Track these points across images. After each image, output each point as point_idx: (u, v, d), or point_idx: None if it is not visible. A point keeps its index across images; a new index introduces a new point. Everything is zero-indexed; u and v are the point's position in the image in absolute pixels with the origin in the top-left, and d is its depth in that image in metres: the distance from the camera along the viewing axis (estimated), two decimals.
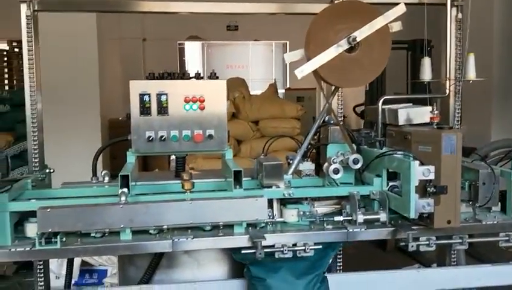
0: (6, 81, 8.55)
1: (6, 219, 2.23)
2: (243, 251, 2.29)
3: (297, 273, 2.48)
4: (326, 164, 2.60)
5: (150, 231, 2.36)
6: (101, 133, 6.64)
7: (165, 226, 2.31)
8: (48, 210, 2.18)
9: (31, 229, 2.32)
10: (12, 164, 2.88)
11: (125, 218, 2.23)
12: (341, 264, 3.17)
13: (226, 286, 2.62)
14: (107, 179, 2.71)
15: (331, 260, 2.63)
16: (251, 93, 6.43)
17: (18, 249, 2.21)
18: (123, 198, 2.23)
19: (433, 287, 2.76)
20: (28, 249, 2.21)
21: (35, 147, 2.85)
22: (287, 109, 6.09)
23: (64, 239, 2.25)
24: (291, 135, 5.35)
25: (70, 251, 2.25)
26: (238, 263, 2.56)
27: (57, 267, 4.47)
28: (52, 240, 2.22)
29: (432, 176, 2.24)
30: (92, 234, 2.31)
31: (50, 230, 2.19)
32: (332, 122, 2.84)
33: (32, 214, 2.31)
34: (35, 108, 2.84)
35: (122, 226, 2.24)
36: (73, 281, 4.99)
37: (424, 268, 3.08)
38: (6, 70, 8.56)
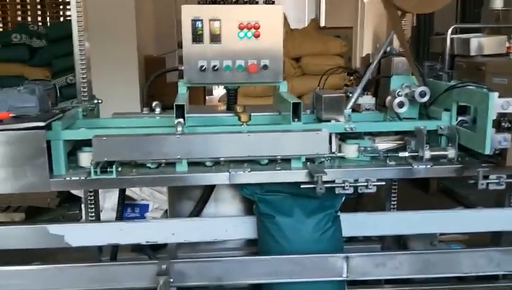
0: (39, 18, 8.48)
1: (60, 148, 2.18)
2: (302, 186, 2.20)
3: (307, 212, 2.37)
4: (389, 98, 2.45)
5: (206, 163, 2.28)
6: (138, 70, 6.55)
7: (222, 159, 2.22)
8: (104, 139, 2.10)
9: (85, 158, 2.27)
10: None
11: (181, 149, 2.14)
12: (395, 202, 3.06)
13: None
14: (158, 110, 2.62)
15: (343, 199, 2.49)
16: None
17: (73, 178, 2.17)
18: (179, 128, 2.14)
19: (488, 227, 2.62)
20: (83, 178, 2.17)
21: (83, 76, 2.75)
22: (331, 45, 5.85)
23: (119, 169, 2.19)
24: (335, 72, 5.15)
25: (126, 181, 2.20)
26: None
27: (104, 199, 4.50)
28: (108, 169, 2.16)
29: (511, 109, 2.07)
30: (148, 165, 2.25)
31: (105, 159, 2.13)
32: (395, 52, 2.65)
33: (86, 143, 2.26)
34: (83, 44, 2.75)
35: (178, 157, 2.16)
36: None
37: (480, 209, 2.94)
38: (39, 6, 8.47)
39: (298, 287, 2.35)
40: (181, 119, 2.17)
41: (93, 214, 2.88)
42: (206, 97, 8.45)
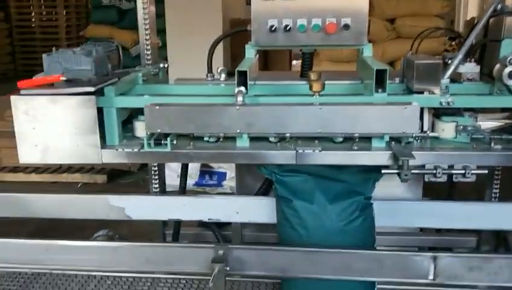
0: None
1: (113, 116, 1.99)
2: (383, 171, 1.84)
3: (331, 197, 2.04)
4: (498, 66, 1.98)
5: (270, 139, 1.99)
6: (222, 33, 6.33)
7: (288, 134, 1.92)
8: (157, 108, 1.88)
9: (141, 128, 2.07)
10: (135, 63, 2.64)
11: (242, 122, 1.87)
12: (497, 192, 2.60)
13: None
14: (223, 76, 2.35)
15: (376, 185, 2.11)
16: None
17: (126, 150, 1.98)
18: (240, 98, 1.86)
19: None
20: (135, 150, 1.97)
21: (147, 38, 2.55)
22: (430, 5, 5.21)
23: (175, 142, 1.97)
24: (433, 35, 4.57)
25: (182, 155, 1.97)
26: None
27: (178, 165, 4.40)
28: (162, 142, 1.95)
29: None
30: (206, 138, 2.01)
31: (159, 131, 1.92)
32: (508, 11, 2.15)
33: (142, 111, 2.05)
34: (146, 3, 2.54)
35: (238, 131, 1.89)
36: (193, 181, 4.99)
37: None
38: None
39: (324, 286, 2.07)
40: (242, 88, 1.88)
41: (157, 186, 2.72)
42: (293, 62, 8.06)
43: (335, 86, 2.13)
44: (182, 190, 2.64)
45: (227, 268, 1.93)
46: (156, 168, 2.69)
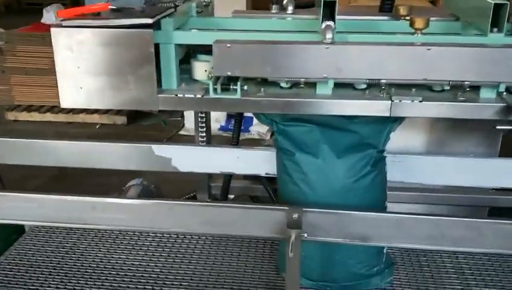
0: None
1: (172, 54, 1.67)
2: (498, 127, 1.55)
3: (339, 150, 1.79)
4: None
5: (356, 86, 1.69)
6: None
7: (383, 80, 1.61)
8: (228, 46, 1.56)
9: (201, 69, 1.75)
10: None
11: (330, 64, 1.55)
12: None
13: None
14: (290, 9, 2.01)
15: (390, 137, 1.86)
16: None
17: (187, 96, 1.68)
18: (329, 35, 1.54)
19: None
20: (199, 96, 1.67)
21: None
22: None
23: (245, 87, 1.66)
24: None
25: (252, 103, 1.67)
26: None
27: None
28: (231, 87, 1.64)
29: None
30: (281, 84, 1.70)
31: (228, 74, 1.60)
32: None
33: (202, 49, 1.74)
34: None
35: (325, 76, 1.58)
36: (219, 126, 4.71)
37: None
38: None
39: None
40: (331, 23, 1.55)
41: (204, 134, 2.43)
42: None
43: (432, 24, 1.79)
44: (236, 141, 2.36)
45: (305, 235, 1.68)
46: (204, 116, 2.39)
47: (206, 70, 1.74)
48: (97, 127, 4.81)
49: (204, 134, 2.43)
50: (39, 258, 2.20)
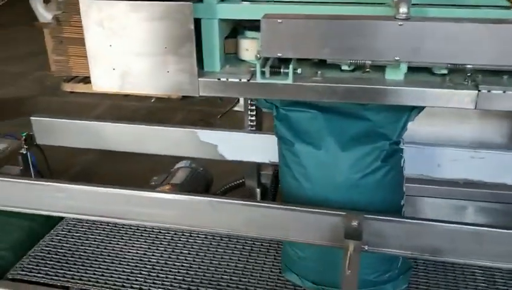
0: None
1: (215, 31, 1.44)
2: None
3: (344, 141, 1.54)
4: None
5: (434, 71, 1.40)
6: None
7: (469, 66, 1.31)
8: (280, 21, 1.31)
9: (249, 48, 1.52)
10: None
11: (404, 45, 1.27)
12: None
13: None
14: None
15: (406, 129, 1.58)
16: None
17: (231, 80, 1.45)
18: (403, 9, 1.25)
19: None
20: (244, 80, 1.44)
21: None
22: None
23: (298, 70, 1.41)
24: None
25: (307, 90, 1.41)
26: None
27: None
28: (282, 70, 1.39)
29: None
30: (342, 67, 1.44)
31: (279, 55, 1.35)
32: None
33: (249, 25, 1.50)
34: None
35: (397, 58, 1.29)
36: None
37: None
38: None
39: None
40: None
41: (254, 120, 2.21)
42: None
43: None
44: None
45: (365, 247, 1.43)
46: (254, 101, 2.17)
47: (256, 50, 1.50)
48: (152, 100, 4.70)
49: (254, 117, 2.20)
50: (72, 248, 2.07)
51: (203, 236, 2.03)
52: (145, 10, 1.38)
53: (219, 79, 1.45)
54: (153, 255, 1.97)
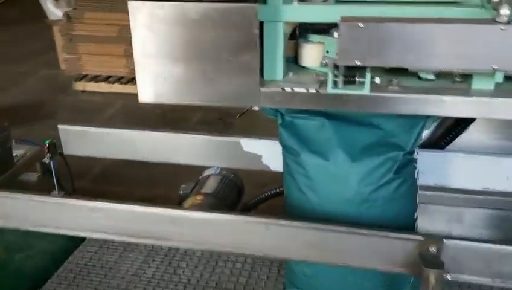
0: None
1: (279, 35, 1.28)
2: None
3: (354, 151, 1.42)
4: None
5: None
6: None
7: None
8: (361, 25, 1.15)
9: (313, 54, 1.36)
10: None
11: (504, 52, 1.11)
12: None
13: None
14: None
15: (421, 138, 1.47)
16: None
17: (297, 91, 1.29)
18: (505, 11, 1.09)
19: None
20: (312, 91, 1.28)
21: None
22: None
23: (376, 79, 1.25)
24: None
25: (385, 101, 1.26)
26: None
27: None
28: (357, 79, 1.24)
29: None
30: (423, 75, 1.28)
31: (358, 63, 1.20)
32: None
33: (312, 28, 1.35)
34: None
35: (494, 67, 1.14)
36: None
37: None
38: None
39: None
40: None
41: None
42: None
43: None
44: None
45: (449, 277, 1.28)
46: None
47: (320, 54, 1.34)
48: None
49: None
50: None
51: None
52: (201, 13, 1.22)
53: (283, 89, 1.29)
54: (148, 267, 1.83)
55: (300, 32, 1.39)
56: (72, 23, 4.54)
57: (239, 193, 2.63)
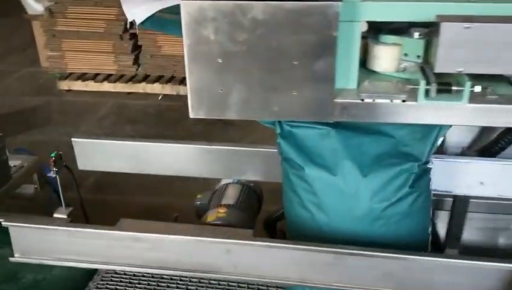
0: None
1: (356, 37, 1.09)
2: None
3: (365, 163, 1.28)
4: None
5: None
6: None
7: None
8: (466, 26, 0.97)
9: (388, 57, 1.18)
10: None
11: None
12: None
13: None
14: None
15: (437, 146, 1.31)
16: None
17: (378, 101, 1.11)
18: None
19: None
20: (398, 102, 1.10)
21: None
22: None
23: (476, 88, 1.08)
24: None
25: (482, 112, 1.09)
26: None
27: None
28: (453, 88, 1.06)
29: None
30: None
31: (460, 70, 1.02)
32: None
33: (387, 27, 1.17)
34: None
35: None
36: None
37: None
38: None
39: None
40: None
41: None
42: None
43: None
44: None
45: None
46: None
47: (394, 58, 1.16)
48: (159, 98, 4.29)
49: None
50: None
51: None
52: (270, 13, 1.02)
53: (362, 100, 1.11)
54: None
55: (370, 33, 1.20)
56: (54, 18, 4.24)
57: (259, 203, 2.44)
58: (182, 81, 4.27)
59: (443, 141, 1.35)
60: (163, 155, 1.82)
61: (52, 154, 2.00)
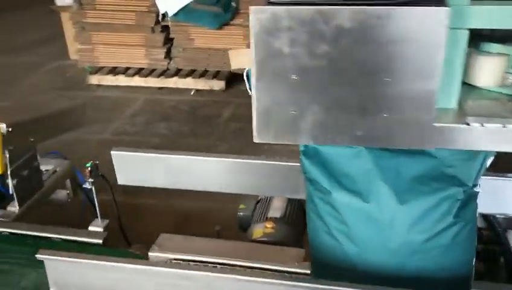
0: None
1: (461, 47, 0.90)
2: None
3: (402, 189, 1.08)
4: None
5: None
6: None
7: None
8: None
9: (494, 70, 0.97)
10: None
11: None
12: None
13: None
14: None
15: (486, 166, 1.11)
16: None
17: (488, 126, 0.91)
18: None
19: None
20: (509, 126, 0.90)
21: None
22: None
23: None
24: None
25: None
26: None
27: None
28: None
29: None
30: None
31: None
32: None
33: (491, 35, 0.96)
34: None
35: None
36: None
37: None
38: None
39: None
40: None
41: None
42: None
43: None
44: None
45: None
46: None
47: (500, 71, 0.96)
48: (191, 93, 4.13)
49: None
50: None
51: None
52: (358, 20, 0.83)
53: (468, 124, 0.91)
54: None
55: (475, 42, 0.99)
56: (84, 10, 4.11)
57: (304, 213, 2.27)
58: (216, 76, 4.10)
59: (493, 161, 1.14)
60: (208, 170, 1.66)
61: (88, 165, 1.85)
